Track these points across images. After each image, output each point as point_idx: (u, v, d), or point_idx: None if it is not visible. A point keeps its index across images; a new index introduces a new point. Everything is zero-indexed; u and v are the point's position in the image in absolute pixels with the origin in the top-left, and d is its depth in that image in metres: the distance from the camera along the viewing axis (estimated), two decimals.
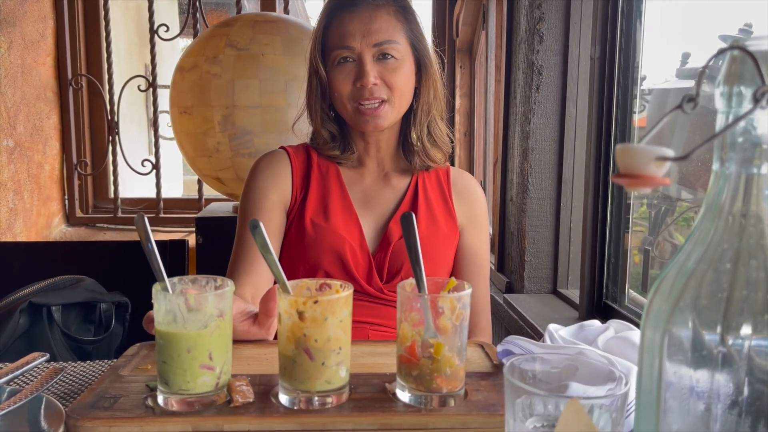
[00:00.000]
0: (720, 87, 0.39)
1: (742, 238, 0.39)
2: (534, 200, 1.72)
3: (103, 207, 2.82)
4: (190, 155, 2.00)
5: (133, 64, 3.30)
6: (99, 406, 0.64)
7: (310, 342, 0.64)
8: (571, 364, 0.59)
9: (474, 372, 0.75)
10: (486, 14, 2.33)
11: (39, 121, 2.53)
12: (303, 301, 0.63)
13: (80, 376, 0.84)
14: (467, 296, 0.67)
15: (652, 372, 0.43)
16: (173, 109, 1.97)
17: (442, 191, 1.18)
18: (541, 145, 1.70)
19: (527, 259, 1.73)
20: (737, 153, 0.39)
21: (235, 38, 1.87)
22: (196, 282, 0.69)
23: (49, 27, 2.60)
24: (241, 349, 0.83)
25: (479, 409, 0.65)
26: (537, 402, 0.53)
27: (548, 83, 1.67)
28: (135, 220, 0.66)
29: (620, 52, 1.39)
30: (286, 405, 0.65)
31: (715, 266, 0.39)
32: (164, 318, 0.64)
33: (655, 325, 0.42)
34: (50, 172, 2.64)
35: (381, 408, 0.65)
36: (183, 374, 0.64)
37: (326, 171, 1.16)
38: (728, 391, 0.40)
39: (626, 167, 0.38)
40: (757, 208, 0.39)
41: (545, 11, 1.64)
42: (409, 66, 1.10)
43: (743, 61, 0.38)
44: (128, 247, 1.60)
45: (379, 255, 1.10)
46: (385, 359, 0.81)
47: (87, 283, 1.37)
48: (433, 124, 1.16)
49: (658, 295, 0.43)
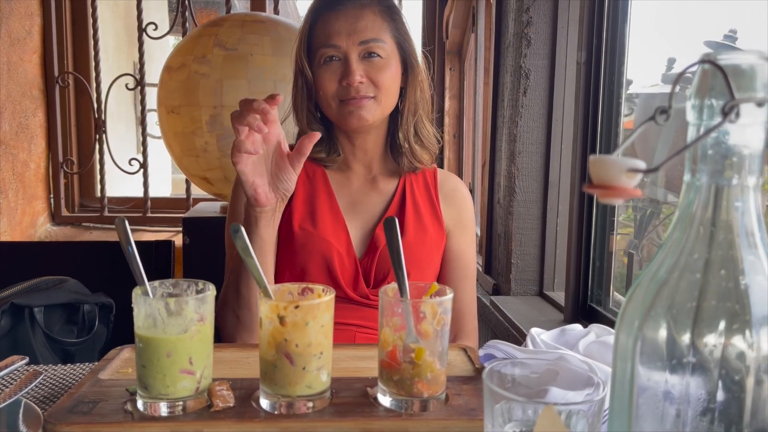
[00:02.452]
0: (691, 99, 0.40)
1: (712, 249, 0.40)
2: (521, 203, 1.72)
3: (89, 206, 2.79)
4: (177, 155, 1.99)
5: (122, 62, 3.27)
6: (77, 410, 0.64)
7: (290, 347, 0.64)
8: (552, 368, 0.59)
9: (456, 376, 0.76)
10: (475, 17, 2.34)
11: (25, 118, 2.51)
12: (284, 306, 0.63)
13: (61, 380, 0.83)
14: (449, 301, 0.68)
15: (624, 378, 0.43)
16: (161, 108, 1.96)
17: (429, 194, 1.18)
18: (528, 148, 1.70)
19: (514, 261, 1.74)
20: (708, 164, 0.40)
21: (223, 38, 1.86)
22: (178, 286, 0.69)
23: (36, 24, 2.58)
24: (224, 353, 0.83)
25: (459, 413, 0.66)
26: (516, 407, 0.54)
27: (535, 87, 1.68)
28: (115, 223, 0.66)
29: (606, 57, 1.40)
30: (266, 410, 0.65)
31: (685, 275, 0.40)
32: (144, 322, 0.64)
33: (628, 332, 0.43)
34: (36, 171, 2.62)
35: (362, 413, 0.65)
36: (162, 379, 0.64)
37: (313, 174, 1.15)
38: (699, 397, 0.40)
39: (599, 178, 0.38)
40: (727, 218, 0.40)
41: (533, 15, 1.65)
42: (395, 65, 1.11)
43: (714, 74, 0.38)
44: (113, 247, 1.59)
45: (366, 260, 1.10)
46: (369, 363, 0.81)
47: (70, 284, 1.36)
48: (420, 125, 1.16)
49: (631, 302, 0.43)
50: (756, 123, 0.39)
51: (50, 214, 2.72)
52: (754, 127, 0.39)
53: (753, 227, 0.40)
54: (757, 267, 0.39)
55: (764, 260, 0.39)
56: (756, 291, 0.39)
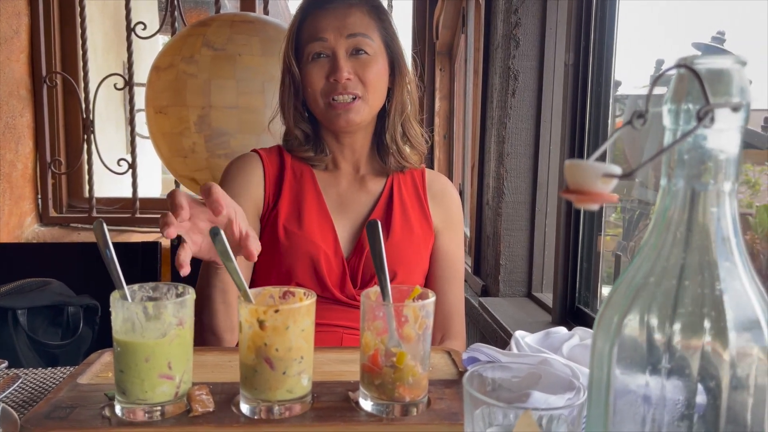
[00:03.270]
0: (668, 104, 0.39)
1: (688, 254, 0.39)
2: (509, 204, 1.72)
3: (77, 207, 2.77)
4: (165, 155, 1.98)
5: (111, 61, 3.25)
6: (54, 416, 0.63)
7: (270, 351, 0.63)
8: (534, 372, 0.59)
9: (439, 380, 0.75)
10: (465, 18, 2.33)
11: (12, 119, 2.49)
12: (263, 310, 0.63)
13: (40, 383, 0.82)
14: (431, 305, 0.67)
15: (601, 382, 0.43)
16: (149, 108, 1.94)
17: (418, 194, 1.18)
18: (516, 149, 1.70)
19: (502, 262, 1.73)
20: (684, 169, 0.39)
21: (211, 38, 1.85)
22: (157, 289, 0.68)
23: (24, 23, 2.56)
24: (205, 357, 0.82)
25: (441, 418, 0.65)
26: (496, 412, 0.53)
27: (524, 88, 1.68)
28: (93, 226, 0.65)
29: (594, 58, 1.40)
30: (246, 414, 0.65)
31: (662, 281, 0.40)
32: (122, 326, 0.63)
33: (605, 337, 0.43)
34: (23, 171, 2.59)
35: (342, 417, 0.65)
36: (141, 384, 0.63)
37: (300, 174, 1.15)
38: (676, 402, 0.40)
39: (574, 183, 0.38)
40: (703, 223, 0.39)
41: (522, 16, 1.65)
42: (382, 63, 1.11)
43: (690, 79, 0.38)
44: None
45: (353, 260, 1.09)
46: (351, 366, 0.80)
47: (54, 285, 1.35)
48: (407, 125, 1.16)
49: (608, 307, 0.43)
50: (731, 128, 0.38)
51: (38, 214, 2.70)
52: (729, 132, 0.39)
53: (728, 232, 0.39)
54: (733, 273, 0.39)
55: (740, 266, 0.39)
56: (731, 297, 0.38)
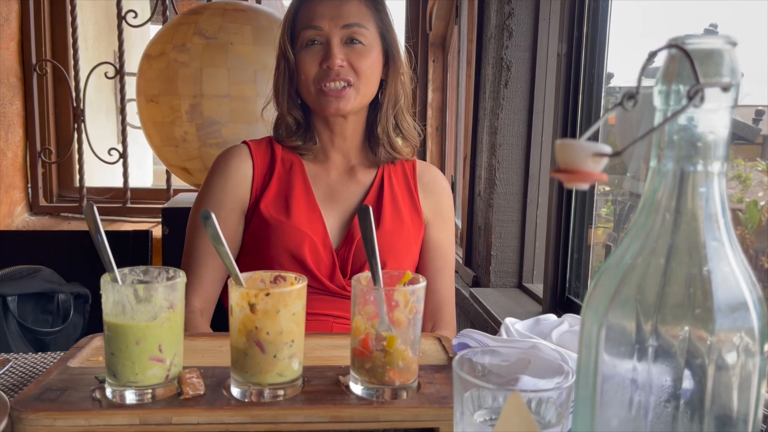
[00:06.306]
0: (658, 85, 0.40)
1: (677, 235, 0.40)
2: (501, 195, 1.73)
3: (68, 196, 2.75)
4: (156, 145, 1.97)
5: (101, 50, 3.22)
6: (44, 398, 0.63)
7: (261, 335, 0.63)
8: (523, 357, 0.59)
9: (429, 365, 0.75)
10: (458, 8, 2.33)
11: (1, 107, 2.46)
12: (254, 294, 0.62)
13: (30, 368, 0.82)
14: (421, 289, 0.67)
15: (588, 365, 0.43)
16: (140, 97, 1.93)
17: (408, 185, 1.17)
18: (508, 140, 1.71)
19: (493, 253, 1.74)
20: (674, 150, 0.40)
21: (203, 26, 1.84)
22: (148, 273, 0.68)
23: (14, 10, 2.53)
24: (197, 341, 0.82)
25: (431, 401, 0.66)
26: (486, 395, 0.54)
27: (517, 79, 1.68)
28: (84, 209, 0.65)
29: (586, 49, 1.40)
30: (237, 398, 0.65)
31: (650, 261, 0.40)
32: (112, 309, 0.63)
33: (594, 318, 0.43)
34: (13, 160, 2.57)
35: (333, 401, 0.65)
36: (131, 366, 0.63)
37: (290, 166, 1.14)
38: (663, 384, 0.41)
39: (564, 163, 0.38)
40: (692, 205, 0.40)
41: (515, 7, 1.65)
42: (376, 54, 1.10)
43: (681, 59, 0.38)
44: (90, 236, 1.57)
45: (343, 250, 1.09)
46: (342, 352, 0.81)
47: (44, 273, 1.34)
48: (400, 117, 1.16)
49: (597, 289, 0.43)
50: (721, 108, 0.39)
51: (28, 203, 2.68)
52: (719, 112, 0.39)
53: (717, 213, 0.40)
54: (721, 253, 0.39)
55: (728, 247, 0.40)
56: (718, 277, 0.39)
